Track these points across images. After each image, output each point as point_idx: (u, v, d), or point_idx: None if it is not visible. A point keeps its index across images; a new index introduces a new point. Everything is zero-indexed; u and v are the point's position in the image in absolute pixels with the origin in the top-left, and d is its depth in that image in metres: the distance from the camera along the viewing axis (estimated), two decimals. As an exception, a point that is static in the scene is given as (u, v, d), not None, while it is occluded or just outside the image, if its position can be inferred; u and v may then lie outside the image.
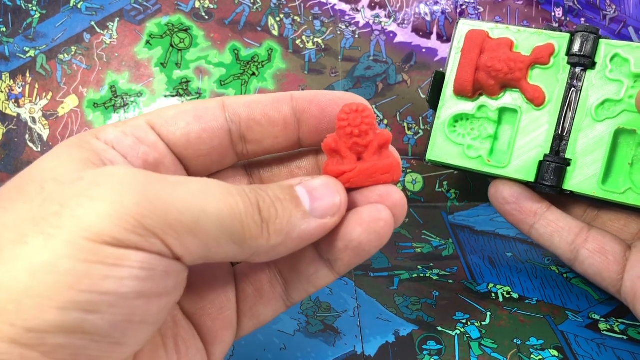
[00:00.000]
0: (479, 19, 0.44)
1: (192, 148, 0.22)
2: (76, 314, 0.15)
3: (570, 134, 0.30)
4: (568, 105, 0.30)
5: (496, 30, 0.32)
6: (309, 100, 0.23)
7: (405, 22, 0.44)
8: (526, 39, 0.31)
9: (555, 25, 0.44)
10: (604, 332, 0.29)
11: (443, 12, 0.44)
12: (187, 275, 0.19)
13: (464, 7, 0.44)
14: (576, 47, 0.30)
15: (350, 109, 0.22)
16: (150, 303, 0.17)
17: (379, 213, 0.21)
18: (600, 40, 0.30)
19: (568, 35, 0.30)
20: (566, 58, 0.30)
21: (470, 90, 0.31)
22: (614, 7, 0.44)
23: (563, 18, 0.44)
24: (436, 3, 0.44)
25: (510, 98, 0.31)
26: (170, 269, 0.17)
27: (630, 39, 0.44)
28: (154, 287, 0.17)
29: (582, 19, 0.44)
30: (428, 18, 0.44)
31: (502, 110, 0.32)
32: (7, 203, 0.17)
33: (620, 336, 0.29)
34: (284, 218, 0.19)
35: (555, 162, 0.30)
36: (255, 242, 0.18)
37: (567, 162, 0.30)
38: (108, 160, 0.20)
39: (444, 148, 0.32)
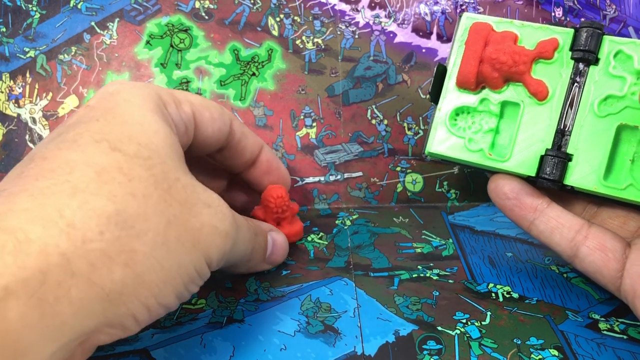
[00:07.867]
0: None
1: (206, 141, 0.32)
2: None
3: (572, 129, 0.30)
4: (570, 100, 0.30)
5: (500, 25, 0.32)
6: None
7: (405, 22, 0.44)
8: (530, 34, 0.31)
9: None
10: (604, 332, 0.29)
11: (443, 12, 0.44)
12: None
13: (463, 7, 0.44)
14: (581, 42, 0.30)
15: (276, 195, 0.34)
16: None
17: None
18: (604, 36, 0.30)
19: (572, 30, 0.30)
20: (570, 53, 0.30)
21: (474, 82, 0.31)
22: (614, 7, 0.44)
23: (563, 18, 0.44)
24: (436, 3, 0.44)
25: (512, 92, 0.31)
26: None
27: (630, 39, 0.44)
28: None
29: (582, 19, 0.44)
30: (428, 18, 0.44)
31: (504, 104, 0.32)
32: None
33: (621, 336, 0.29)
34: (258, 259, 0.32)
35: (557, 156, 0.30)
36: (246, 265, 0.32)
37: (569, 157, 0.30)
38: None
39: (445, 141, 0.32)
